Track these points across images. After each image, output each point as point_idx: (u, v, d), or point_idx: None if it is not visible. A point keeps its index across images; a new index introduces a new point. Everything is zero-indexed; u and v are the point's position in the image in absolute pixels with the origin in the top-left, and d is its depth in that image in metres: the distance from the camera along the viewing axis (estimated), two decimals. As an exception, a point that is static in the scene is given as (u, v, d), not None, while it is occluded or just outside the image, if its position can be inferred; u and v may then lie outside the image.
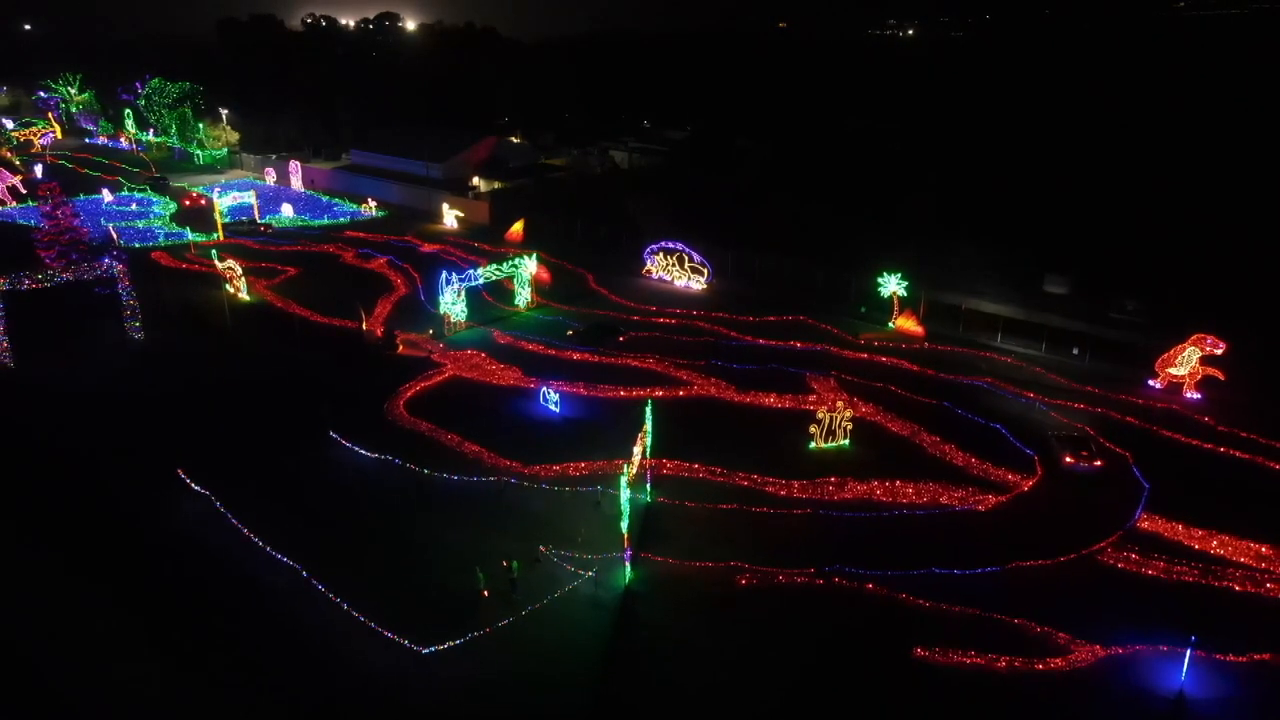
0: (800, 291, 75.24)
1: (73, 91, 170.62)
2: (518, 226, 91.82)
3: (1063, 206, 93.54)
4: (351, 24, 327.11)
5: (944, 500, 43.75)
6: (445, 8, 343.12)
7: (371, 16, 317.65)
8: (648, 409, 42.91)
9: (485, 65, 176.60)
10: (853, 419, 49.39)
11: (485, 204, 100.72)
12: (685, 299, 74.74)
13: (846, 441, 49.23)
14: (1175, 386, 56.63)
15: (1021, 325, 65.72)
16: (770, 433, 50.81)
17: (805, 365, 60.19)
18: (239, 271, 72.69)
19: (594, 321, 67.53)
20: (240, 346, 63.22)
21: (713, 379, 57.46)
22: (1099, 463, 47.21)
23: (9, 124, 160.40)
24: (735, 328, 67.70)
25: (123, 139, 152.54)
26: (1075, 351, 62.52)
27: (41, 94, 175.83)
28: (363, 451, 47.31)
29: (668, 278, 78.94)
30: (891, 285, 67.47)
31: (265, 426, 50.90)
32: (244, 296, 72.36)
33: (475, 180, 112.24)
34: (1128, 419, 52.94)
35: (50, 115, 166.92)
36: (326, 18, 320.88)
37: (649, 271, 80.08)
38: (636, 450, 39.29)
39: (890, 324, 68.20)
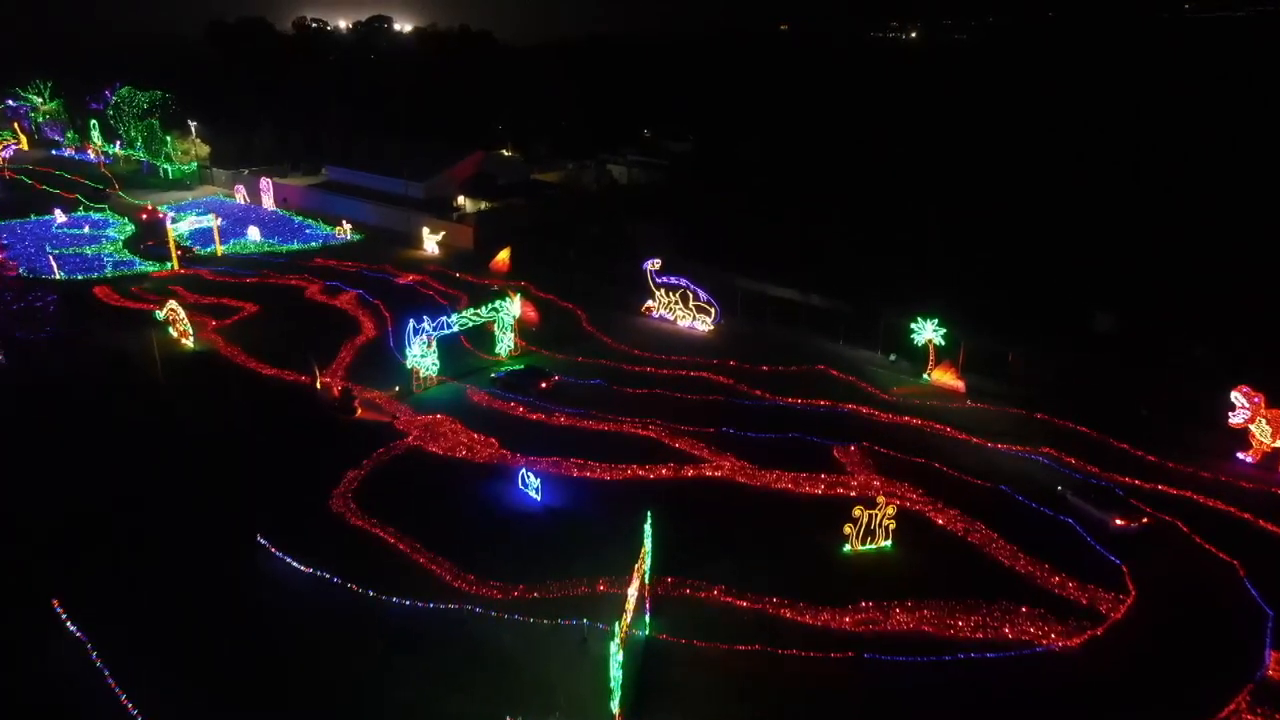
0: (819, 332, 66.54)
1: (39, 100, 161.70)
2: (504, 255, 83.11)
3: (1101, 228, 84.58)
4: (345, 26, 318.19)
5: (1018, 633, 34.92)
6: (440, 11, 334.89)
7: (363, 19, 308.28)
8: (646, 525, 34.14)
9: (479, 71, 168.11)
10: (895, 514, 40.61)
11: (469, 228, 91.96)
12: (690, 343, 66.00)
13: (888, 543, 40.48)
14: (1271, 457, 47.81)
15: (1075, 376, 56.96)
16: (794, 528, 42.00)
17: (831, 432, 51.40)
18: (181, 315, 63.89)
19: (524, 367, 59.49)
20: (167, 411, 54.12)
21: (726, 454, 48.57)
22: (1145, 519, 41.87)
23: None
24: (747, 379, 58.97)
25: (90, 151, 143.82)
26: (1145, 413, 53.61)
27: (10, 102, 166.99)
28: (296, 565, 38.44)
29: (670, 317, 70.16)
30: (928, 332, 58.64)
31: (177, 528, 41.79)
32: (188, 343, 63.54)
33: (460, 200, 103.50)
34: (1221, 505, 44.18)
35: (16, 125, 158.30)
36: (318, 20, 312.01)
37: (649, 310, 71.31)
38: (632, 592, 30.51)
39: (925, 376, 59.43)
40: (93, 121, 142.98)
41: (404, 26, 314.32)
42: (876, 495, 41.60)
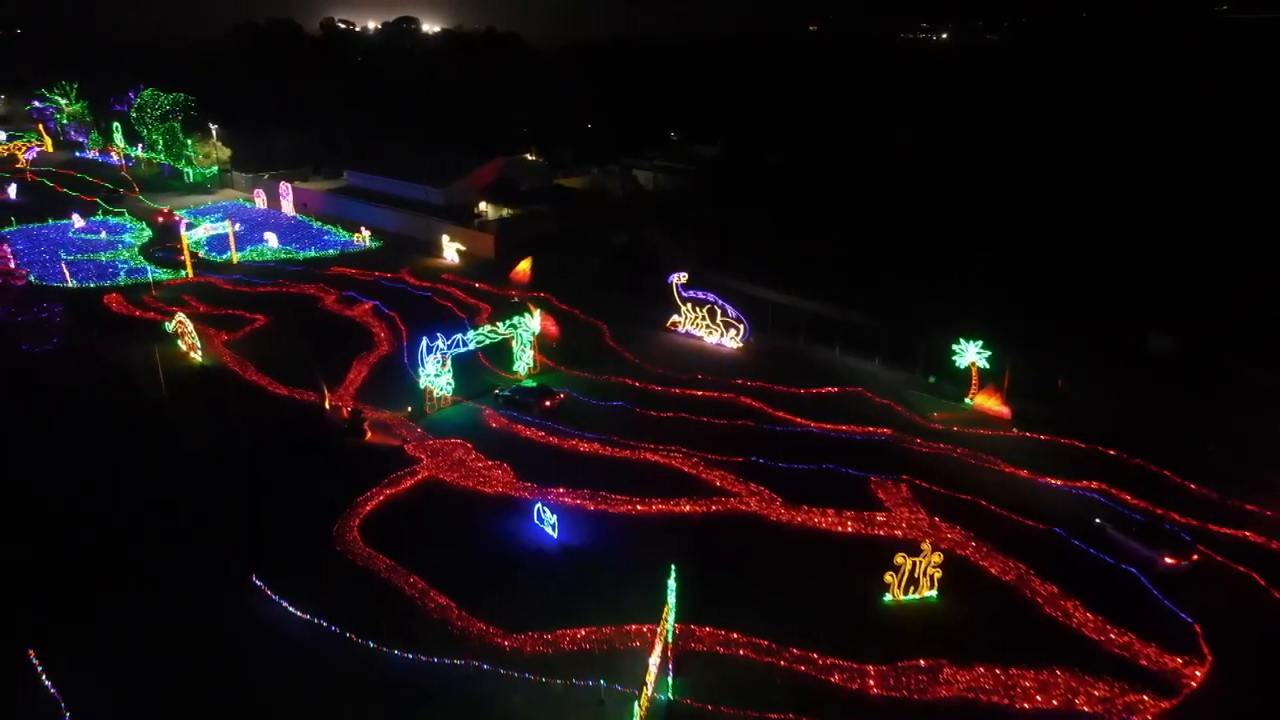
0: (855, 351, 63.09)
1: (65, 102, 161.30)
2: (525, 265, 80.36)
3: (1156, 242, 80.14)
4: (373, 26, 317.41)
5: (1082, 704, 31.45)
6: (467, 12, 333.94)
7: (390, 21, 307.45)
8: (670, 580, 31.05)
9: (503, 73, 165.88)
10: (940, 562, 37.23)
11: (490, 236, 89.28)
12: (718, 361, 62.86)
13: (933, 593, 37.15)
14: (1349, 502, 43.90)
15: (1130, 402, 53.17)
16: (830, 573, 38.78)
17: (868, 462, 48.02)
18: (190, 327, 61.70)
19: (532, 385, 56.97)
20: (167, 431, 51.74)
21: (754, 485, 45.44)
22: (1195, 556, 39.07)
23: (0, 136, 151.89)
24: (779, 403, 55.69)
25: (113, 154, 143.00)
26: (1210, 447, 49.64)
27: (36, 103, 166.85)
28: (293, 610, 35.74)
29: (697, 333, 67.03)
30: (970, 354, 55.09)
31: (166, 564, 39.12)
32: (197, 358, 61.29)
33: (482, 206, 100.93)
34: (1297, 554, 40.42)
35: (41, 127, 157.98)
36: (346, 21, 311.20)
37: (675, 325, 68.25)
38: (654, 660, 27.49)
39: (968, 400, 55.86)
40: (115, 124, 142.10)
41: (432, 28, 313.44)
42: (921, 541, 38.19)
